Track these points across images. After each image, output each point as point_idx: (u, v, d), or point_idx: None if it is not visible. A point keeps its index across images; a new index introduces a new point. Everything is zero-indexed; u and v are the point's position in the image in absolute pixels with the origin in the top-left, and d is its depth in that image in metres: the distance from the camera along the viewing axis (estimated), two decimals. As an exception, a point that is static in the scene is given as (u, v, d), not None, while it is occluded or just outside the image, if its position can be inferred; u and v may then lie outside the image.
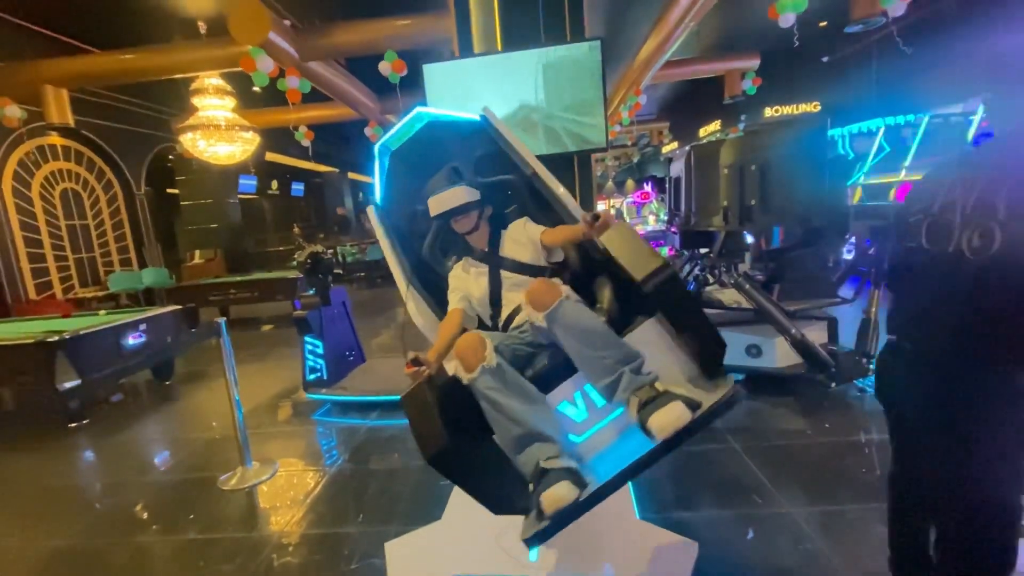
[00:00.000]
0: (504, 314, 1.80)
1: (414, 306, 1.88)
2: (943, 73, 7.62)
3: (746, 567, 1.97)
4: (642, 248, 1.41)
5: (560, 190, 1.93)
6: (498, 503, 1.44)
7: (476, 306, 1.84)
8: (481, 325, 1.84)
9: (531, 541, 1.33)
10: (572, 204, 1.90)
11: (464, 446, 1.38)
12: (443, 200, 1.79)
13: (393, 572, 1.87)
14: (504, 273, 1.82)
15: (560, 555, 1.85)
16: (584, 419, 1.53)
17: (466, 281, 1.85)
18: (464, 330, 1.69)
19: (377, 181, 2.11)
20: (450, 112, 2.18)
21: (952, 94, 7.34)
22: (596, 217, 1.45)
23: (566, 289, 1.56)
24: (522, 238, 1.86)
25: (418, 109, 2.09)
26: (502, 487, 1.46)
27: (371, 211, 2.10)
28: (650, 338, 1.49)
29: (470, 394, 1.47)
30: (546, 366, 1.56)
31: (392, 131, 2.10)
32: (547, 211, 1.96)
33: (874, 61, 9.20)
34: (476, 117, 2.14)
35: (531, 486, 1.37)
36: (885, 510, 2.21)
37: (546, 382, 1.53)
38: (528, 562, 1.84)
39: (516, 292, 1.77)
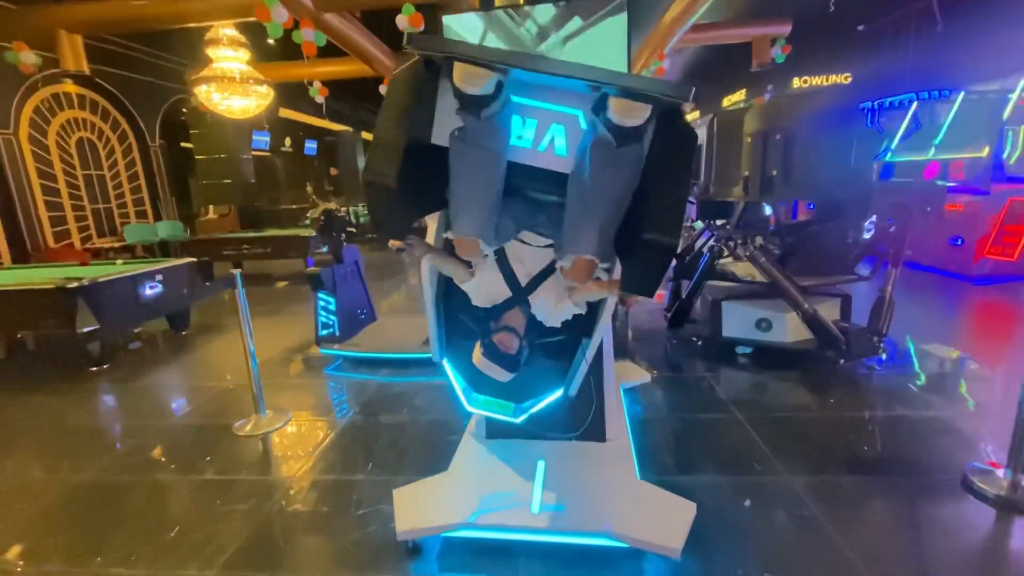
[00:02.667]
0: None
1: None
2: (982, 48, 7.26)
3: (743, 529, 2.02)
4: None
5: None
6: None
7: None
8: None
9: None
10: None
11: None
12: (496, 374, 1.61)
13: (400, 517, 1.94)
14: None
15: (561, 510, 1.91)
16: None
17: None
18: None
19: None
20: None
21: (991, 70, 7.02)
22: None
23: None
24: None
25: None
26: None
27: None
28: None
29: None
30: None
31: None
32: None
33: (912, 32, 8.77)
34: None
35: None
36: (882, 484, 2.25)
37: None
38: (530, 515, 1.90)
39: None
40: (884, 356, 3.65)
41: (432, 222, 1.91)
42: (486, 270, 1.72)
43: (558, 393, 1.90)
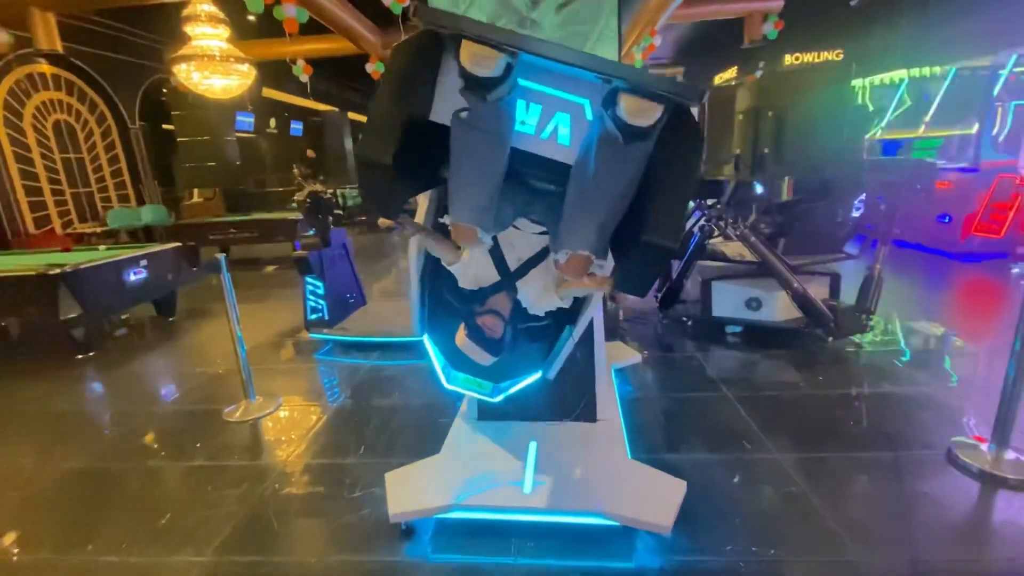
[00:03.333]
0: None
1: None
2: (974, 23, 7.22)
3: (732, 506, 2.05)
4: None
5: None
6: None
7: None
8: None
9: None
10: None
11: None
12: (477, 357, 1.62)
13: (393, 500, 1.95)
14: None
15: (553, 490, 1.92)
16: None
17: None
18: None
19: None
20: None
21: (982, 46, 6.98)
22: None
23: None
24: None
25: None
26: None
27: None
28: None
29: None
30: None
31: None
32: None
33: (905, 7, 8.69)
34: None
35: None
36: (869, 460, 2.29)
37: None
38: (522, 495, 1.91)
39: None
40: (872, 333, 3.69)
41: (424, 200, 1.87)
42: (476, 253, 1.69)
43: (537, 375, 1.91)
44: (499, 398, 1.89)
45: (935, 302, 4.83)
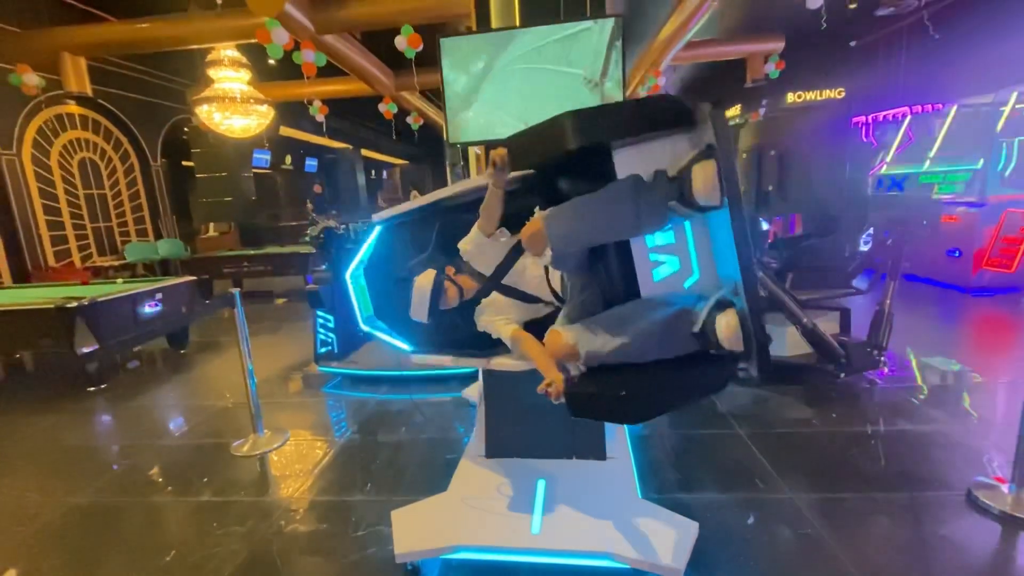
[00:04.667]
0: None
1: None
2: (974, 61, 7.36)
3: (746, 549, 1.99)
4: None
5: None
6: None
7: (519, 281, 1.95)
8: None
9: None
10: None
11: None
12: (416, 304, 1.84)
13: (399, 539, 1.92)
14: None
15: (561, 530, 1.89)
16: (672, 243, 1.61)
17: (499, 307, 1.94)
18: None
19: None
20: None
21: (983, 83, 7.10)
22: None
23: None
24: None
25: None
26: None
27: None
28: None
29: None
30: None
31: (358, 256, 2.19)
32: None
33: (903, 46, 8.90)
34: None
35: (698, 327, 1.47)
36: (885, 500, 2.23)
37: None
38: (530, 535, 1.88)
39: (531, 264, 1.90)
40: (885, 369, 3.64)
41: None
42: (499, 245, 1.87)
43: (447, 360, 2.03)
44: (417, 358, 2.09)
45: (949, 337, 4.76)
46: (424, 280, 1.82)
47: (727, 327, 1.38)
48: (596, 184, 1.48)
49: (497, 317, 1.89)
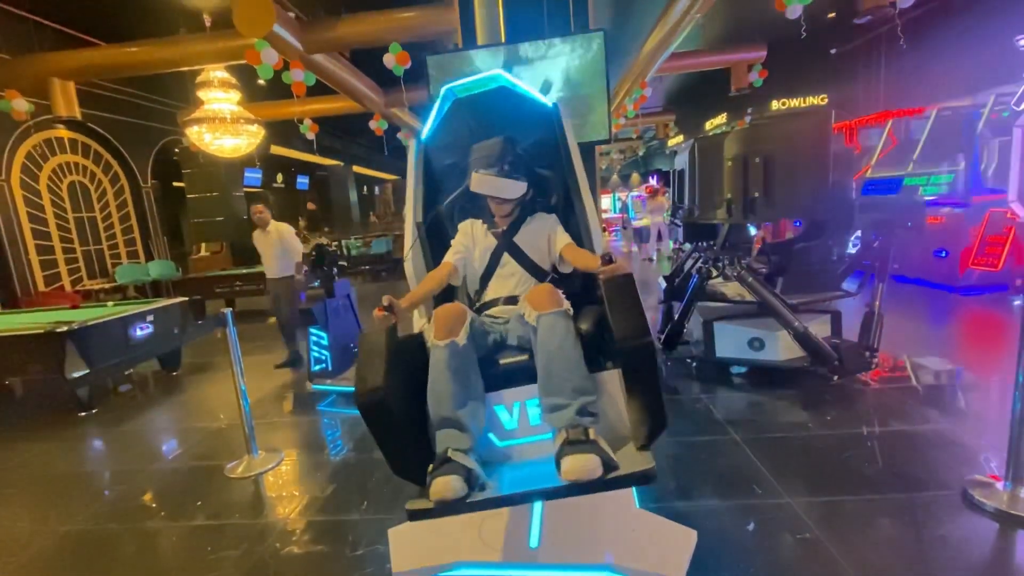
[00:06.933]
0: (486, 297, 1.87)
1: (411, 253, 1.96)
2: (953, 65, 7.53)
3: (745, 555, 1.99)
4: (635, 310, 1.41)
5: (590, 210, 1.95)
6: (402, 466, 1.50)
7: (468, 272, 1.91)
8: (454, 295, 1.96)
9: (412, 515, 1.41)
10: (596, 229, 1.92)
11: (396, 401, 1.40)
12: (491, 184, 1.80)
13: (396, 558, 1.90)
14: (507, 257, 1.86)
15: (560, 543, 1.88)
16: (512, 429, 1.62)
17: (472, 243, 1.92)
18: (449, 289, 1.83)
19: (431, 119, 2.17)
20: (527, 88, 2.19)
21: (962, 87, 7.26)
22: (610, 260, 1.48)
23: (567, 304, 1.58)
24: (542, 238, 1.89)
25: (497, 71, 2.13)
26: (412, 453, 1.50)
27: (412, 144, 2.17)
28: (608, 388, 1.56)
29: (424, 354, 1.55)
30: (506, 365, 1.63)
31: (464, 81, 2.13)
32: (571, 219, 1.98)
33: (883, 53, 9.10)
34: (549, 104, 2.16)
35: (431, 466, 1.41)
36: (882, 502, 2.23)
37: (496, 379, 1.60)
38: (529, 549, 1.86)
39: (507, 281, 1.85)
40: (878, 371, 3.67)
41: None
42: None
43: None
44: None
45: (940, 337, 4.81)
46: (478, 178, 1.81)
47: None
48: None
49: (460, 239, 1.92)
